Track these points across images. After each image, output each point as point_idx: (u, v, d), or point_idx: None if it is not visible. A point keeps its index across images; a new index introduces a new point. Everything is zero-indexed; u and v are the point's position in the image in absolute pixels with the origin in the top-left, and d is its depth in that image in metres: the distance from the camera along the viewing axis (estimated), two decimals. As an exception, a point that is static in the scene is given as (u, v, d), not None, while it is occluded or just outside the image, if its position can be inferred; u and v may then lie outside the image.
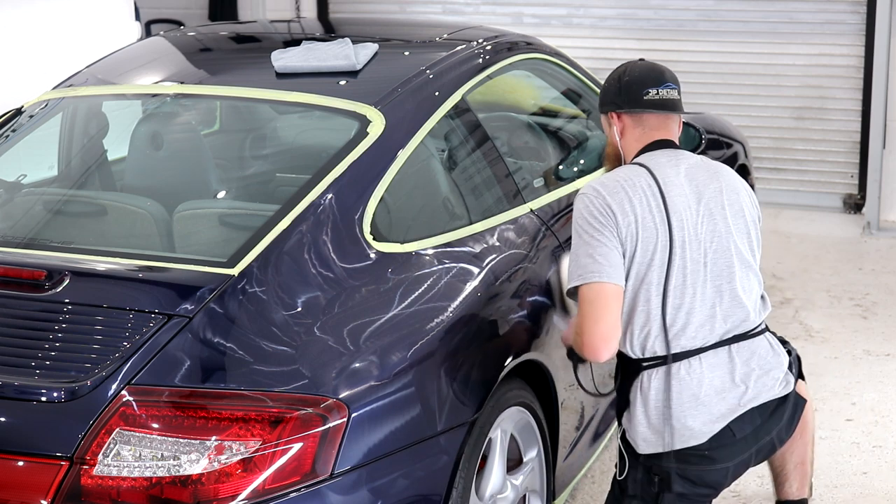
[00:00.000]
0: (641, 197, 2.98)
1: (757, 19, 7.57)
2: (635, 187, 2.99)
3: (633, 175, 3.02)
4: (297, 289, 2.87)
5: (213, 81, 3.81)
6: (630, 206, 2.96)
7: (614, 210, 2.95)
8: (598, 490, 4.05)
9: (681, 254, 2.96)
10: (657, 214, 2.97)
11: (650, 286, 2.95)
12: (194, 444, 2.50)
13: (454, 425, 2.86)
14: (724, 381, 2.98)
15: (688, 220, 2.99)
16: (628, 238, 2.94)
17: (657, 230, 2.96)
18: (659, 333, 2.96)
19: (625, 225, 2.94)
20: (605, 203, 2.96)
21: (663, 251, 2.95)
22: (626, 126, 3.15)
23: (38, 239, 3.29)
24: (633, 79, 3.18)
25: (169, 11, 8.52)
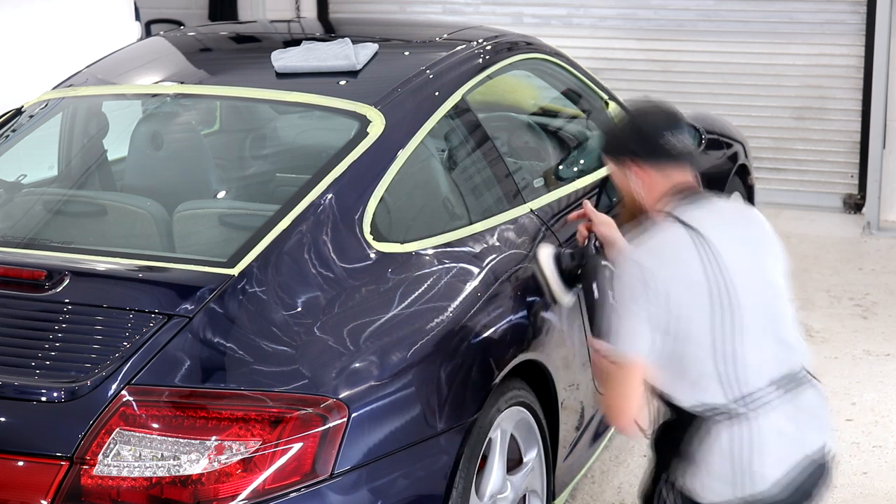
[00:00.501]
0: (689, 259, 2.82)
1: (757, 19, 7.58)
2: (680, 249, 2.83)
3: (675, 236, 2.85)
4: (297, 289, 2.87)
5: (213, 81, 3.81)
6: (680, 272, 2.81)
7: (664, 281, 2.78)
8: (598, 490, 4.05)
9: (735, 306, 2.83)
10: (708, 273, 2.82)
11: (707, 342, 2.82)
12: (194, 444, 2.50)
13: (454, 425, 2.86)
14: (786, 426, 2.93)
15: (736, 272, 2.86)
16: (679, 304, 2.79)
17: (710, 289, 2.82)
18: (718, 386, 2.84)
19: (675, 293, 2.79)
20: (653, 275, 2.78)
21: (717, 307, 2.82)
22: (645, 175, 2.97)
23: (38, 239, 3.29)
24: (650, 124, 2.98)
25: (169, 11, 8.52)
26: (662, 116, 2.99)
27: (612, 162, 3.01)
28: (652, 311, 2.77)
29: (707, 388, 2.83)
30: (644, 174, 2.94)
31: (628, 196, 3.00)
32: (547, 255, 3.41)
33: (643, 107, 3.06)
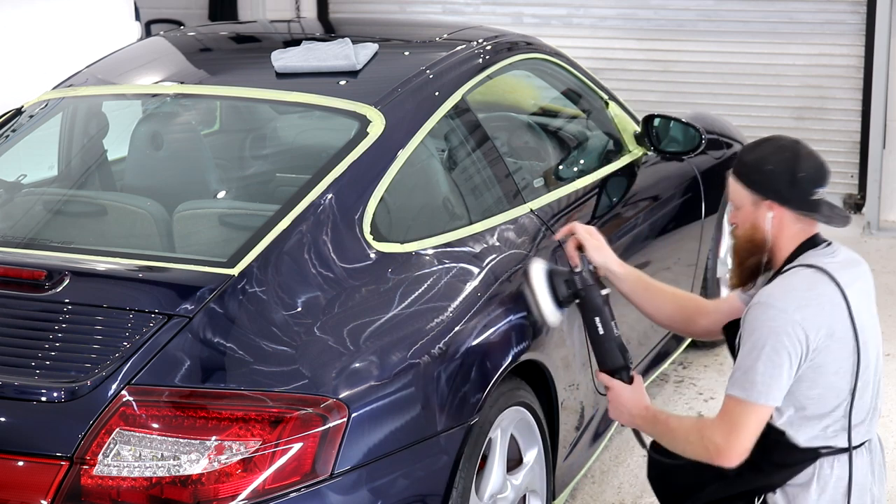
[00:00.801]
0: (829, 307, 2.83)
1: (757, 19, 7.57)
2: (822, 297, 2.83)
3: (817, 283, 2.85)
4: (297, 289, 2.87)
5: (213, 81, 3.81)
6: (821, 320, 2.81)
7: (805, 329, 2.78)
8: (598, 490, 4.05)
9: (865, 355, 2.87)
10: (846, 321, 2.85)
11: (838, 387, 2.85)
12: (194, 444, 2.50)
13: (454, 425, 2.86)
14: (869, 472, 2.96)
15: (866, 321, 2.91)
16: (817, 352, 2.80)
17: (846, 337, 2.84)
18: (843, 429, 2.88)
19: (815, 340, 2.79)
20: (794, 321, 2.77)
21: (853, 355, 2.85)
22: (785, 221, 2.92)
23: (38, 239, 3.29)
24: (807, 176, 2.96)
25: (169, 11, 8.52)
26: (817, 167, 2.96)
27: (750, 193, 2.92)
28: (794, 360, 2.77)
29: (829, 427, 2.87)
30: (782, 219, 2.93)
31: (757, 233, 2.94)
32: (538, 272, 3.21)
33: (803, 153, 2.96)
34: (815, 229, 2.99)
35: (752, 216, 2.94)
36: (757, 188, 2.92)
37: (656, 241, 4.30)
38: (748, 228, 2.95)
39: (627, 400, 3.03)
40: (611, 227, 4.00)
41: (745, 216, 2.95)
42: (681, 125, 4.40)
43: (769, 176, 2.92)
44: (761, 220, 2.93)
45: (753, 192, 2.92)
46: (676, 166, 4.58)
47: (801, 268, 2.89)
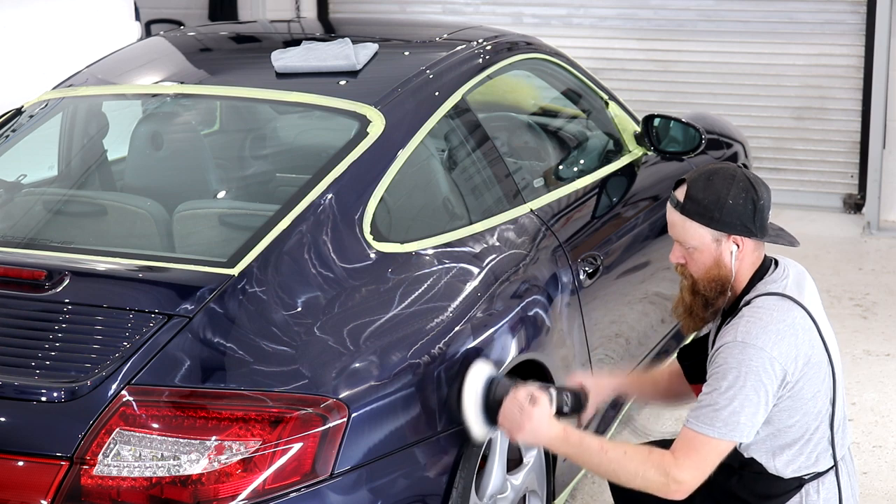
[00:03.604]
0: (802, 333, 2.79)
1: (757, 19, 7.58)
2: (795, 326, 2.79)
3: (787, 313, 2.80)
4: (297, 289, 2.87)
5: (213, 81, 3.81)
6: (798, 351, 2.77)
7: (784, 364, 2.75)
8: (598, 490, 4.05)
9: (838, 374, 2.86)
10: (819, 344, 2.82)
11: (816, 410, 2.83)
12: (194, 444, 2.50)
13: (454, 425, 2.86)
14: (848, 485, 2.95)
15: (831, 339, 2.88)
16: (794, 382, 2.78)
17: (821, 360, 2.83)
18: (826, 450, 2.87)
19: (792, 373, 2.77)
20: (772, 358, 2.73)
21: (828, 378, 2.84)
22: (746, 251, 2.86)
23: (38, 239, 3.29)
24: (765, 203, 2.87)
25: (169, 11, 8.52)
26: (768, 191, 2.89)
27: (711, 231, 2.84)
28: (771, 397, 2.74)
29: (813, 454, 2.85)
30: (744, 251, 2.86)
31: (721, 269, 2.86)
32: (478, 374, 2.91)
33: (748, 177, 2.87)
34: (763, 252, 2.93)
35: (713, 254, 2.86)
36: (721, 226, 2.83)
37: (656, 242, 4.30)
38: (711, 267, 2.87)
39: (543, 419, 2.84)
40: (611, 226, 4.01)
41: (705, 255, 2.86)
42: (681, 125, 4.40)
43: (732, 211, 2.83)
44: (725, 255, 2.85)
45: (717, 230, 2.83)
46: (676, 166, 4.58)
47: (766, 297, 2.82)
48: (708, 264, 2.87)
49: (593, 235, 3.85)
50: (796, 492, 2.87)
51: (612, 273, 3.90)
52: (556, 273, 3.51)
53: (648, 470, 2.76)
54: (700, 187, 2.85)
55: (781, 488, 2.87)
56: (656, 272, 4.31)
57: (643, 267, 4.19)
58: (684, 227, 2.86)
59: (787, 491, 2.87)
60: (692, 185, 2.86)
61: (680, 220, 2.87)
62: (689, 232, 2.86)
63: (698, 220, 2.84)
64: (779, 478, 2.87)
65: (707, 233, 2.84)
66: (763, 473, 2.87)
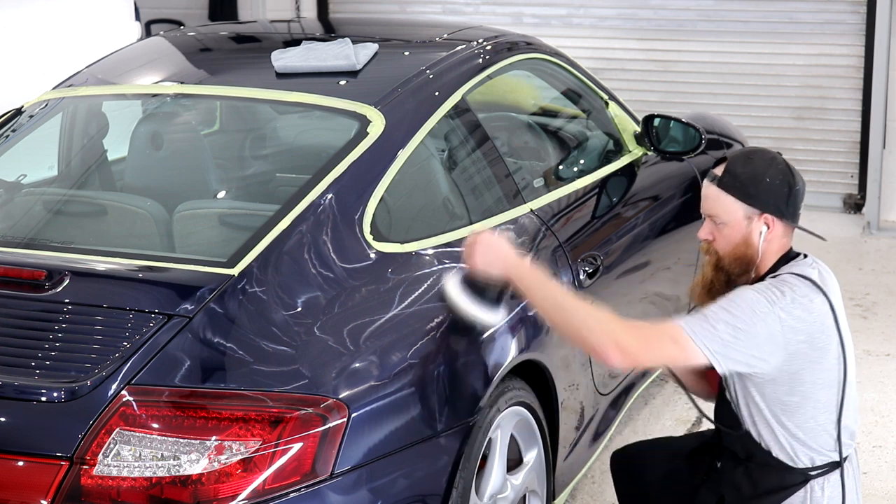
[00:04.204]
0: (816, 314, 2.78)
1: (757, 19, 7.58)
2: (812, 304, 2.78)
3: (807, 291, 2.79)
4: (297, 289, 2.87)
5: (213, 81, 3.81)
6: (803, 326, 2.76)
7: (784, 328, 2.74)
8: (598, 490, 4.05)
9: (850, 365, 2.85)
10: (832, 331, 2.81)
11: (825, 400, 2.83)
12: (194, 444, 2.50)
13: (454, 425, 2.86)
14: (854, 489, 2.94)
15: (847, 337, 2.87)
16: (791, 356, 2.76)
17: (829, 346, 2.81)
18: (832, 448, 2.86)
19: (791, 343, 2.75)
20: (778, 316, 2.72)
21: (838, 365, 2.83)
22: (776, 234, 2.87)
23: (38, 239, 3.29)
24: (800, 189, 2.90)
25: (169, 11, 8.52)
26: (803, 181, 2.92)
27: (744, 206, 2.86)
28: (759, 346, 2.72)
29: (823, 446, 2.84)
30: (775, 232, 2.88)
31: (748, 248, 2.87)
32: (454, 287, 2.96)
33: (786, 162, 2.90)
34: (790, 242, 2.95)
35: (743, 231, 2.88)
36: (755, 202, 2.86)
37: (656, 242, 4.30)
38: (739, 244, 2.88)
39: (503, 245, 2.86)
40: (611, 227, 4.00)
41: (735, 231, 2.88)
42: (681, 125, 4.40)
43: (768, 190, 2.86)
44: (755, 234, 2.87)
45: (749, 206, 2.86)
46: (676, 166, 4.58)
47: (791, 275, 2.83)
48: (736, 241, 2.88)
49: (593, 235, 3.85)
50: (801, 486, 2.86)
51: (612, 273, 3.90)
52: (556, 273, 3.51)
53: (601, 322, 2.74)
54: (740, 163, 2.89)
55: (787, 481, 2.86)
56: (656, 272, 4.31)
57: (643, 267, 4.20)
58: (718, 200, 2.89)
59: (792, 485, 2.86)
60: (732, 161, 2.91)
61: (715, 194, 2.90)
62: (723, 206, 2.88)
63: (733, 195, 2.87)
64: (784, 469, 2.85)
65: (740, 208, 2.87)
66: (768, 466, 2.86)
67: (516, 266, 2.86)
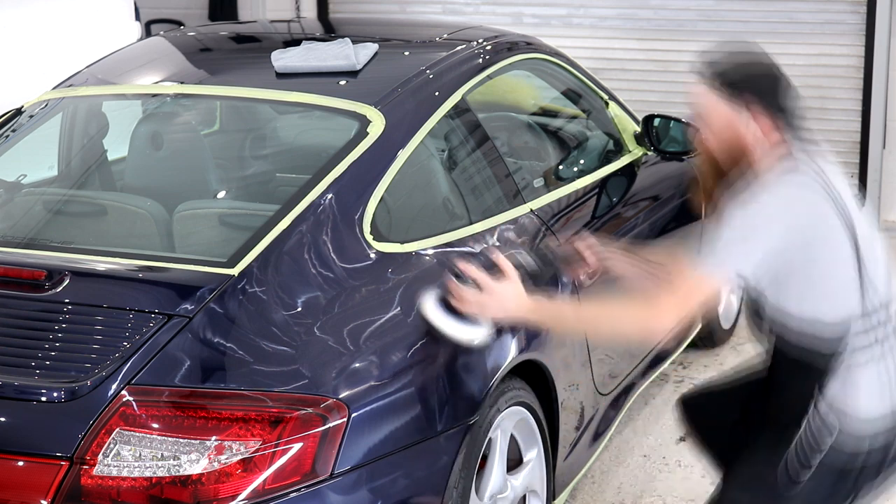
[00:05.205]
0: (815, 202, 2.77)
1: (757, 19, 7.57)
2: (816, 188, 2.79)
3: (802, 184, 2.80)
4: (297, 289, 2.87)
5: (213, 81, 3.81)
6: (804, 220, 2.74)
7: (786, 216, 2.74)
8: (598, 490, 4.05)
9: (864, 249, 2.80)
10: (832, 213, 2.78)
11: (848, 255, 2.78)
12: (194, 444, 2.50)
13: (454, 425, 2.86)
14: None
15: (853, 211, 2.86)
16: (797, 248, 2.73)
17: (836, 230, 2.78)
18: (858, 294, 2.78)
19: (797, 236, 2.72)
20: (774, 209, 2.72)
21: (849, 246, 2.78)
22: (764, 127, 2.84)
23: (38, 239, 3.29)
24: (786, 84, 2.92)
25: (169, 11, 8.52)
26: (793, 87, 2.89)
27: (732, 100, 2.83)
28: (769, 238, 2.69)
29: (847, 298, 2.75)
30: (763, 124, 2.83)
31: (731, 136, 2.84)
32: (432, 306, 2.87)
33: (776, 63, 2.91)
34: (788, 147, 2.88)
35: (731, 124, 2.84)
36: (740, 96, 2.82)
37: (656, 241, 4.30)
38: (728, 137, 2.85)
39: (507, 292, 2.83)
40: (611, 227, 4.00)
41: (722, 125, 2.85)
42: (681, 125, 4.40)
43: (757, 83, 2.85)
44: (742, 126, 2.83)
45: (737, 99, 2.82)
46: (676, 166, 4.58)
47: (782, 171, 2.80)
48: (725, 135, 2.85)
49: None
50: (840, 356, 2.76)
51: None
52: (555, 273, 3.50)
53: (629, 307, 2.74)
54: (726, 57, 2.91)
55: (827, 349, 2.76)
56: (656, 272, 4.31)
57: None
58: (706, 97, 2.88)
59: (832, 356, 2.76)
60: (717, 56, 2.92)
61: (701, 91, 2.89)
62: (710, 102, 2.87)
63: (719, 91, 2.86)
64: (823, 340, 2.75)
65: (727, 101, 2.84)
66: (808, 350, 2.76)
67: (526, 317, 2.87)
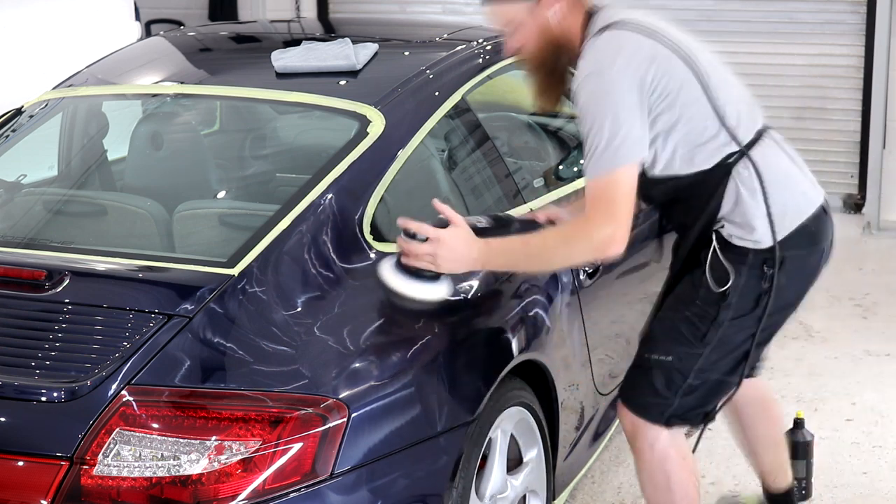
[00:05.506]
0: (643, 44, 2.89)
1: (757, 19, 7.58)
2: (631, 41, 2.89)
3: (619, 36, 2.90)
4: (297, 289, 2.87)
5: (213, 81, 3.81)
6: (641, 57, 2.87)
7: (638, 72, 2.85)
8: (598, 490, 4.05)
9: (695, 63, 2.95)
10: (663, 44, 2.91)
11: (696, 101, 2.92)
12: (194, 444, 2.50)
13: (454, 425, 2.86)
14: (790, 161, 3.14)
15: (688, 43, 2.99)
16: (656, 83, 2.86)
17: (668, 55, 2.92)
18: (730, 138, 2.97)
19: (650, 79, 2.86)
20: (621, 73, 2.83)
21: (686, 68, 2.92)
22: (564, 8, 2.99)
23: (38, 239, 3.29)
24: None
25: (169, 11, 8.53)
26: None
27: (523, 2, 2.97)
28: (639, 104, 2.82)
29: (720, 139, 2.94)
30: (561, 6, 2.97)
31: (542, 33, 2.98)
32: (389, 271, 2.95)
33: None
34: (588, 4, 3.02)
35: (536, 22, 2.98)
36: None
37: (656, 241, 4.30)
38: (539, 34, 2.99)
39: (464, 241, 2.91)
40: (611, 227, 4.00)
41: (529, 26, 2.98)
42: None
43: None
44: (546, 17, 2.97)
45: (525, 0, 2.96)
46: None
47: (596, 35, 2.92)
48: (536, 33, 3.00)
49: None
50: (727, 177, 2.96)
51: (612, 273, 3.90)
52: (555, 273, 3.50)
53: (573, 242, 2.85)
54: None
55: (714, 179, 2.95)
56: (656, 272, 4.30)
57: (643, 267, 4.19)
58: (502, 12, 3.02)
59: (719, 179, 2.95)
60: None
61: (492, 9, 3.04)
62: (507, 13, 3.02)
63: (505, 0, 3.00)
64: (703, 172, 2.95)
65: (519, 5, 2.98)
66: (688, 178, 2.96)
67: (479, 261, 2.95)
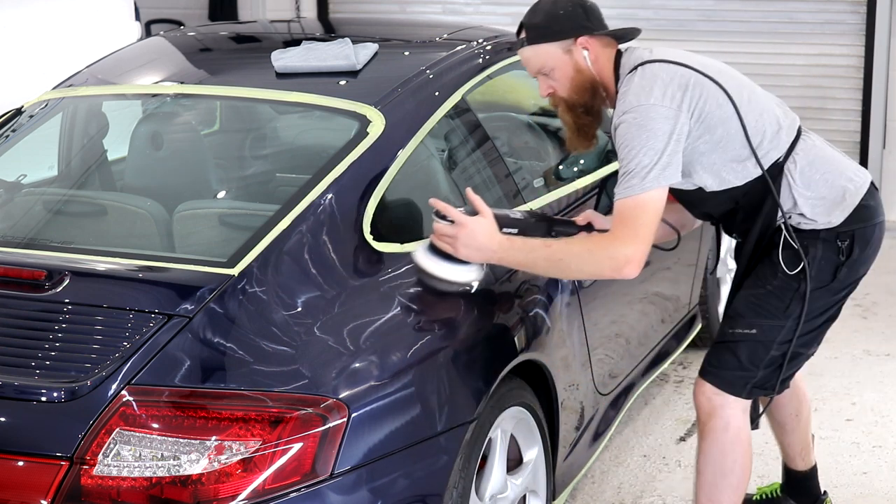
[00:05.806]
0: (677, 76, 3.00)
1: (757, 19, 7.58)
2: (665, 75, 3.00)
3: (652, 72, 3.00)
4: (297, 289, 2.87)
5: (213, 81, 3.81)
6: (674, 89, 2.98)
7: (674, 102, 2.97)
8: (598, 490, 4.05)
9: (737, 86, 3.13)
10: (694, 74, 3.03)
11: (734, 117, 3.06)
12: (194, 444, 2.50)
13: (454, 425, 2.86)
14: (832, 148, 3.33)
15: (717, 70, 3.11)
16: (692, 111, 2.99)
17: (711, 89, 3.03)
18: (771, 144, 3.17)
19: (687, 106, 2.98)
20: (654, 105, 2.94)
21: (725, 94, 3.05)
22: (597, 50, 3.11)
23: (38, 239, 3.29)
24: (592, 3, 3.18)
25: (169, 11, 8.52)
26: None
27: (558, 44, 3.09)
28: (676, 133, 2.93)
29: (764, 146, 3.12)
30: (595, 49, 3.09)
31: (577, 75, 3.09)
32: (422, 252, 3.03)
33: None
34: (616, 46, 3.16)
35: (570, 64, 3.09)
36: (562, 35, 3.09)
37: (656, 241, 4.30)
38: (573, 77, 3.10)
39: (486, 232, 2.98)
40: (611, 227, 3.99)
41: (565, 69, 3.10)
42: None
43: (566, 19, 3.09)
44: (580, 60, 3.09)
45: (562, 41, 3.08)
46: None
47: (631, 73, 3.03)
48: (570, 75, 3.11)
49: None
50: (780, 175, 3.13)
51: (612, 273, 3.89)
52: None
53: (594, 253, 2.94)
54: (531, 16, 3.16)
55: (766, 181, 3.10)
56: (656, 272, 4.31)
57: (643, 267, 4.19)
58: (536, 55, 3.13)
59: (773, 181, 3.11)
60: (525, 19, 3.17)
61: (530, 52, 3.16)
62: (542, 56, 3.12)
63: (542, 42, 3.11)
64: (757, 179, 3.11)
65: (555, 48, 3.10)
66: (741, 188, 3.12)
67: (497, 254, 2.99)
